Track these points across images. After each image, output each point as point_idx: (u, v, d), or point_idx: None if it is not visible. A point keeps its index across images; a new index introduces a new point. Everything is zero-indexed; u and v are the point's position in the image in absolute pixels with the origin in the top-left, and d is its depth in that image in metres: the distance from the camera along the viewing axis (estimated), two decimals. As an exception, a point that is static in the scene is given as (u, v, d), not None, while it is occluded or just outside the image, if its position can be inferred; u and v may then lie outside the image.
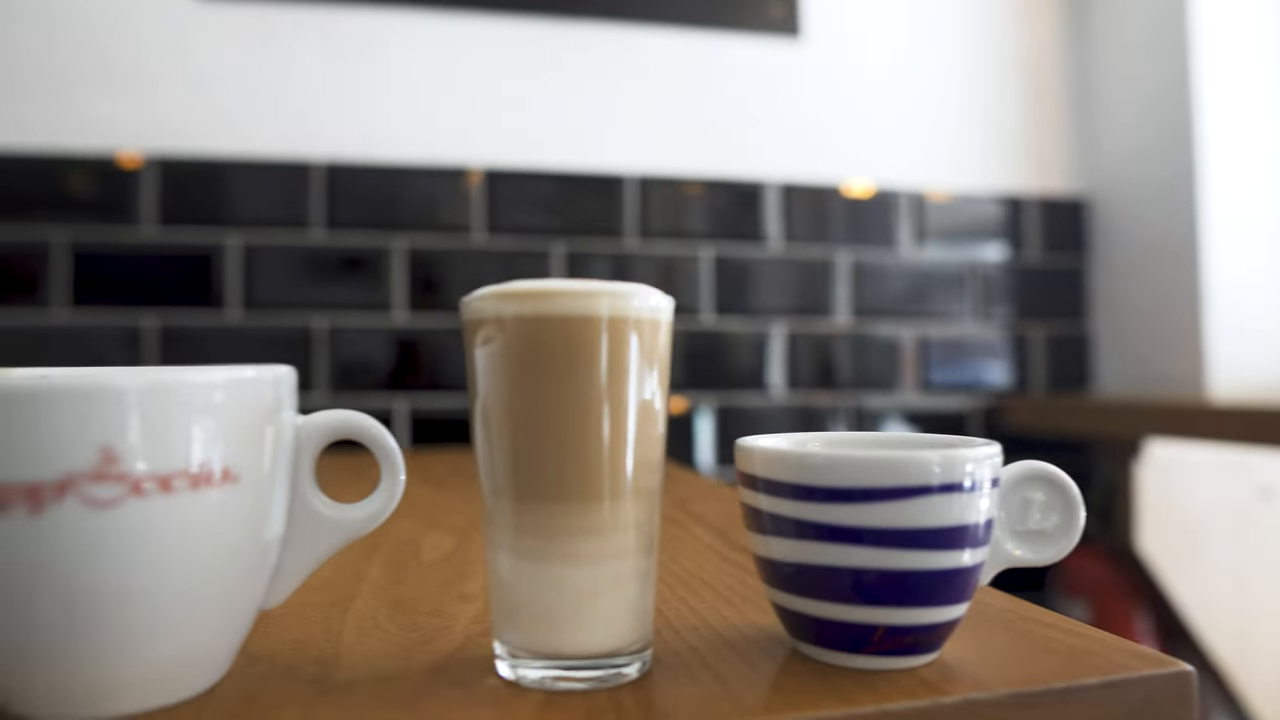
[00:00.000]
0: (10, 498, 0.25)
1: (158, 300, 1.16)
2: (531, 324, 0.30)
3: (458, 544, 0.54)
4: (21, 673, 0.28)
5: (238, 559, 0.29)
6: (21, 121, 1.14)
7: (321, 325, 1.18)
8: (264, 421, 0.30)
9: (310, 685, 0.31)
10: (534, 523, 0.31)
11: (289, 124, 1.20)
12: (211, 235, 1.17)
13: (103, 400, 0.26)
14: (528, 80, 1.25)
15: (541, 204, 1.24)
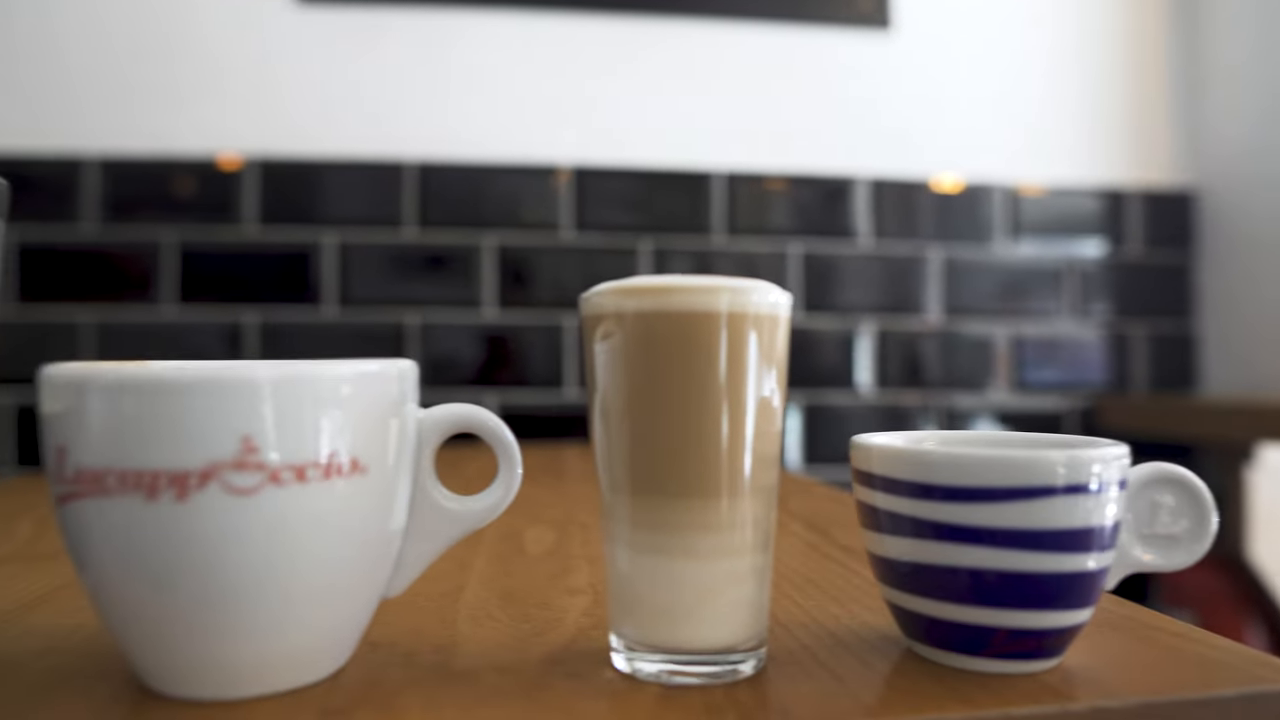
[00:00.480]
0: (159, 484, 0.26)
1: (258, 297, 1.19)
2: (651, 319, 0.30)
3: (559, 538, 0.55)
4: (160, 651, 0.29)
5: (365, 548, 0.30)
6: (131, 127, 1.19)
7: (414, 321, 1.20)
8: (389, 414, 0.30)
9: (431, 672, 0.32)
10: (653, 517, 0.31)
11: (383, 125, 1.22)
12: (308, 234, 1.20)
13: (244, 392, 0.26)
14: (616, 77, 1.25)
15: (628, 201, 1.24)
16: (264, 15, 1.21)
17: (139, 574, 0.27)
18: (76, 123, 1.19)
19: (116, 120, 1.20)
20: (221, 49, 1.21)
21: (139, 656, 0.30)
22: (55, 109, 1.19)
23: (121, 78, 1.20)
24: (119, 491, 0.26)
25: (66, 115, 1.19)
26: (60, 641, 0.35)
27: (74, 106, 1.19)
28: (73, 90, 1.19)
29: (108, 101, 1.19)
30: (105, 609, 0.29)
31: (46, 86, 1.19)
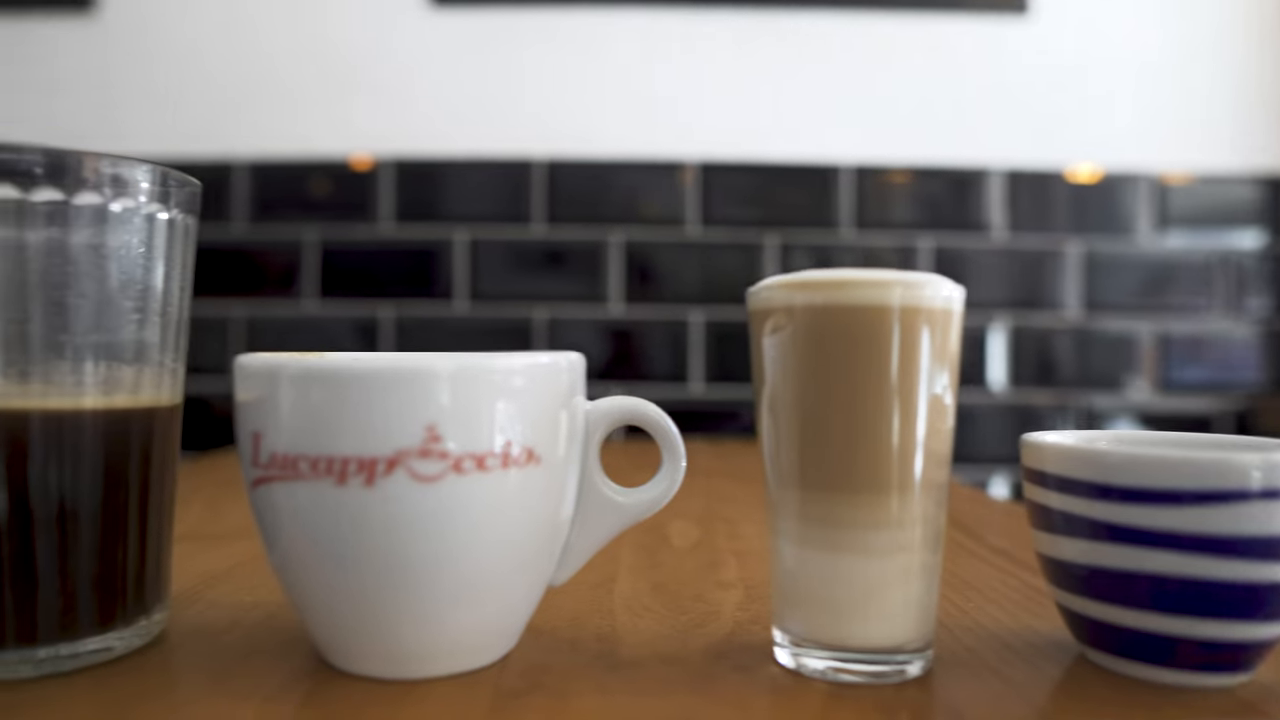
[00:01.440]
0: (348, 470, 0.27)
1: (392, 293, 1.23)
2: (822, 313, 0.30)
3: (703, 532, 0.55)
4: (343, 629, 0.30)
5: (537, 536, 0.31)
6: (275, 130, 1.25)
7: (541, 316, 1.22)
8: (560, 405, 0.31)
9: (597, 660, 0.32)
10: (821, 512, 0.30)
11: (512, 123, 1.24)
12: (440, 231, 1.23)
13: (429, 382, 0.27)
14: (742, 71, 1.25)
15: (753, 196, 1.23)
16: (398, 19, 1.25)
17: (326, 555, 0.29)
18: (228, 128, 1.25)
19: (262, 124, 1.25)
20: (358, 53, 1.25)
21: (322, 633, 0.31)
22: (209, 116, 1.25)
23: (265, 83, 1.25)
24: (311, 476, 0.28)
25: (219, 121, 1.25)
26: (242, 616, 0.37)
27: (225, 113, 1.25)
28: (224, 97, 1.25)
29: (254, 107, 1.25)
30: (292, 587, 0.31)
31: (201, 95, 1.26)
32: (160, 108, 1.26)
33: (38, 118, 1.26)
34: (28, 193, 0.29)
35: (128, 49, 1.28)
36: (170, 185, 0.33)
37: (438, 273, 1.23)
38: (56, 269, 0.29)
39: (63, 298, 0.30)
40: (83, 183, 0.30)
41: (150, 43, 1.27)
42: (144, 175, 0.32)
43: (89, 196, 0.30)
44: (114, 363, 0.31)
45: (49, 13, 1.29)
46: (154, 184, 0.32)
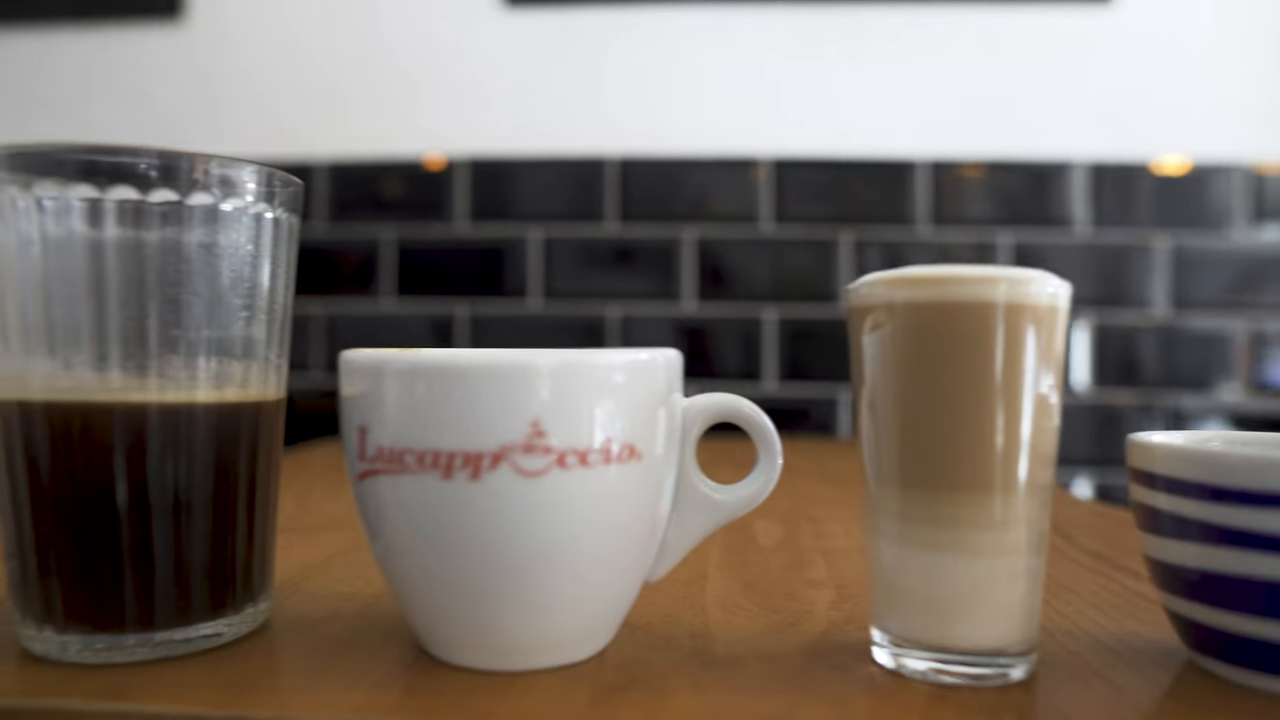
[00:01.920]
0: (454, 464, 0.28)
1: (467, 291, 1.25)
2: (924, 310, 0.30)
3: (788, 531, 0.55)
4: (445, 621, 0.31)
5: (636, 532, 0.31)
6: (350, 131, 1.27)
7: (614, 314, 1.23)
8: (659, 402, 0.31)
9: (693, 657, 0.32)
10: (923, 511, 0.30)
11: (584, 122, 1.25)
12: (514, 229, 1.24)
13: (535, 378, 0.28)
14: (813, 67, 1.23)
15: (828, 192, 1.22)
16: (471, 20, 1.26)
17: (431, 547, 0.29)
18: (308, 130, 1.28)
19: (339, 125, 1.28)
20: (433, 54, 1.27)
21: (423, 624, 0.31)
22: (290, 118, 1.28)
23: (341, 85, 1.28)
24: (417, 470, 0.28)
25: (299, 123, 1.28)
26: (340, 606, 0.38)
27: (305, 115, 1.28)
28: (304, 99, 1.28)
29: (331, 108, 1.28)
30: (394, 578, 0.31)
31: (282, 97, 1.29)
32: (244, 111, 1.30)
33: (130, 123, 1.31)
34: (146, 194, 0.30)
35: (213, 55, 1.31)
36: (275, 185, 0.33)
37: (511, 271, 1.24)
38: (172, 267, 0.30)
39: (177, 295, 0.31)
40: (194, 184, 0.31)
41: (234, 49, 1.31)
42: (250, 176, 0.32)
43: (201, 197, 0.31)
44: (224, 358, 0.32)
45: (140, 22, 1.33)
46: (259, 184, 0.33)
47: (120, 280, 0.30)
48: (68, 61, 1.35)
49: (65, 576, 0.31)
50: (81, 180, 0.30)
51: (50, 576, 0.31)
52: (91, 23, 1.34)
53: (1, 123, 1.36)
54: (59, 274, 0.30)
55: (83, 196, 0.30)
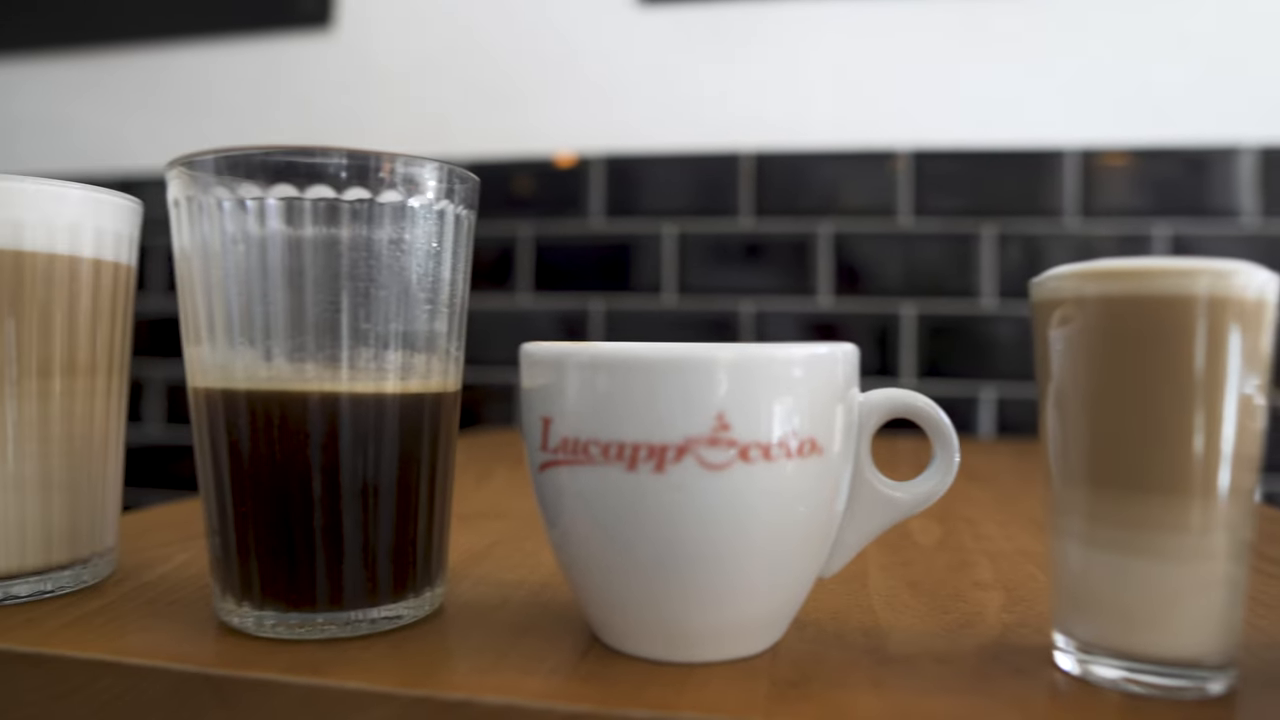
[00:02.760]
0: (639, 456, 0.28)
1: (601, 286, 1.26)
2: (1117, 305, 0.28)
3: (945, 530, 0.53)
4: (622, 611, 0.31)
5: (814, 527, 0.31)
6: (488, 130, 1.30)
7: (748, 310, 1.22)
8: (838, 396, 0.30)
9: (867, 655, 0.32)
10: (1114, 512, 0.29)
11: (718, 117, 1.25)
12: (648, 225, 1.25)
13: (720, 371, 0.28)
14: (951, 56, 1.20)
15: (968, 184, 1.19)
16: (606, 19, 1.28)
17: (613, 537, 0.29)
18: (449, 130, 1.32)
19: (478, 124, 1.31)
20: (568, 53, 1.29)
21: (599, 612, 0.32)
22: (430, 118, 1.32)
23: (479, 86, 1.31)
24: (601, 461, 0.29)
25: (441, 123, 1.32)
26: (510, 593, 0.39)
27: (446, 115, 1.32)
28: (444, 100, 1.32)
29: (470, 108, 1.31)
30: (572, 566, 0.32)
31: (426, 99, 1.33)
32: (387, 113, 1.35)
33: (287, 127, 1.37)
34: (340, 193, 0.31)
35: (360, 61, 1.37)
36: (454, 181, 0.34)
37: (645, 266, 1.25)
38: (362, 263, 0.32)
39: (368, 289, 0.32)
40: (382, 182, 0.32)
41: (379, 54, 1.36)
42: (432, 173, 0.33)
43: (390, 195, 0.32)
44: (409, 350, 0.33)
45: (294, 31, 1.39)
46: (440, 180, 0.34)
47: (315, 275, 0.31)
48: (231, 71, 1.42)
49: (263, 556, 0.32)
50: (281, 181, 0.31)
51: (249, 555, 0.33)
52: (251, 34, 1.41)
53: (174, 129, 1.45)
54: (260, 270, 0.31)
55: (281, 196, 0.31)
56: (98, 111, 1.50)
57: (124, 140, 1.48)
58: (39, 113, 1.53)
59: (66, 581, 0.39)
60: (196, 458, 0.35)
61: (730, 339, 1.23)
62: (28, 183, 0.37)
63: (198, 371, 0.33)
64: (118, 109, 1.49)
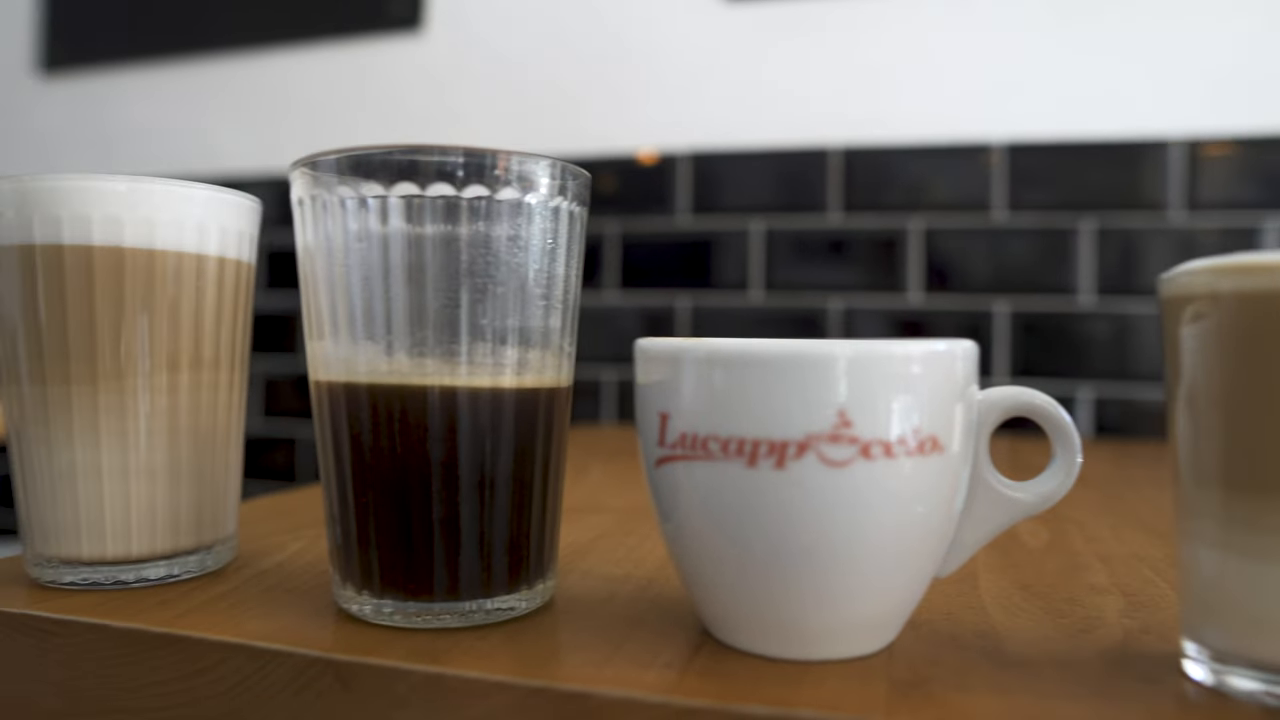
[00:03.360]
0: (759, 452, 0.28)
1: (687, 283, 1.26)
2: (1254, 300, 0.27)
3: (1053, 533, 0.52)
4: (737, 606, 0.31)
5: (932, 526, 0.30)
6: (575, 129, 1.31)
7: (836, 307, 1.21)
8: (958, 394, 0.30)
9: (985, 657, 0.31)
10: (1249, 516, 0.28)
11: (805, 112, 1.24)
12: (735, 222, 1.25)
13: (841, 367, 0.27)
14: (1046, 45, 1.17)
15: (1068, 177, 1.15)
16: (691, 16, 1.27)
17: (730, 533, 0.29)
18: (536, 128, 1.33)
19: (562, 123, 1.33)
20: (653, 50, 1.29)
21: (713, 608, 0.32)
22: (517, 117, 1.34)
23: (565, 83, 1.32)
24: (720, 456, 0.29)
25: (530, 121, 1.33)
26: (617, 587, 0.39)
27: (535, 113, 1.33)
28: (532, 98, 1.34)
29: (555, 106, 1.32)
30: (685, 560, 0.32)
31: (515, 98, 1.34)
32: (477, 113, 1.37)
33: (380, 128, 1.40)
34: (460, 190, 0.32)
35: (450, 62, 1.39)
36: (567, 178, 0.35)
37: (732, 263, 1.25)
38: (481, 259, 0.32)
39: (485, 285, 0.32)
40: (498, 179, 0.32)
41: (468, 55, 1.38)
42: (545, 170, 0.34)
43: (508, 192, 0.32)
44: (525, 346, 0.33)
45: (384, 35, 1.42)
46: (554, 177, 0.34)
47: (435, 272, 0.32)
48: (323, 75, 1.46)
49: (382, 545, 0.33)
50: (402, 179, 0.32)
51: (369, 545, 0.33)
52: (343, 39, 1.45)
53: (267, 132, 1.50)
54: (382, 267, 0.32)
55: (402, 194, 0.32)
56: (194, 117, 1.55)
57: (219, 144, 1.53)
58: (139, 119, 1.59)
59: (192, 566, 0.41)
60: (318, 449, 0.36)
61: (817, 336, 1.22)
62: (158, 183, 0.38)
63: (320, 366, 0.34)
64: (213, 114, 1.54)
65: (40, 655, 0.36)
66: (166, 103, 1.57)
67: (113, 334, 0.38)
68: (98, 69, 1.62)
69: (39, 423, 0.38)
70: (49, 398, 0.38)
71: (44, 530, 0.39)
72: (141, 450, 0.39)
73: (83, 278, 0.37)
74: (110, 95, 1.61)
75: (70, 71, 1.65)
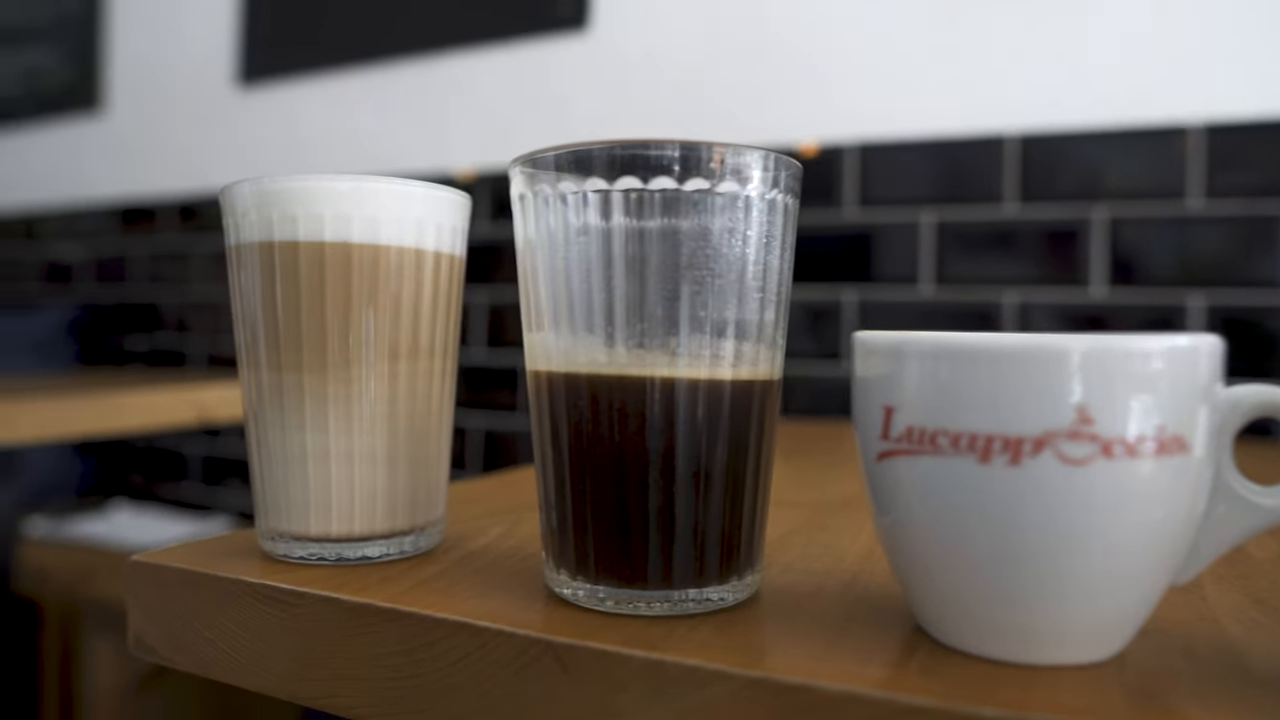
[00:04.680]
0: (993, 448, 0.27)
1: (855, 277, 1.24)
2: None
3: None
4: (961, 606, 0.30)
5: (1172, 530, 0.29)
6: (738, 124, 1.31)
7: (1011, 301, 1.16)
8: (1201, 392, 0.28)
9: (1226, 673, 0.29)
10: None
11: (975, 99, 1.19)
12: (905, 214, 1.22)
13: (1079, 362, 0.27)
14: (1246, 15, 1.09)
15: (1273, 159, 1.07)
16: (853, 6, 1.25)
17: (957, 530, 0.29)
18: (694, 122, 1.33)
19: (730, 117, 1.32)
20: (817, 41, 1.27)
21: (931, 606, 0.31)
22: (681, 114, 1.34)
23: (725, 79, 1.32)
24: (950, 452, 0.28)
25: (685, 117, 1.34)
26: (822, 581, 0.39)
27: (693, 108, 1.34)
28: (691, 94, 1.34)
29: (718, 100, 1.32)
30: (904, 557, 0.32)
31: (678, 94, 1.35)
32: (645, 110, 1.38)
33: (549, 128, 1.44)
34: (680, 183, 0.32)
35: (616, 60, 1.41)
36: (780, 169, 0.35)
37: (900, 256, 1.22)
38: (700, 252, 0.33)
39: (704, 278, 0.33)
40: (713, 172, 0.33)
41: (633, 53, 1.39)
42: (758, 161, 0.34)
43: (727, 185, 0.33)
44: (741, 339, 0.34)
45: (552, 35, 1.46)
46: (768, 169, 0.34)
47: (656, 265, 0.32)
48: (494, 76, 1.51)
49: (598, 533, 0.34)
50: (622, 174, 0.33)
51: (585, 531, 0.34)
52: (512, 40, 1.49)
53: (444, 133, 1.56)
54: (604, 260, 0.33)
55: (623, 189, 0.33)
56: (376, 120, 1.63)
57: (399, 145, 1.60)
58: (327, 123, 1.68)
59: (407, 547, 0.43)
60: (534, 437, 0.37)
61: (992, 330, 1.17)
62: (381, 182, 0.40)
63: (540, 356, 0.35)
64: (393, 117, 1.61)
65: (278, 623, 0.39)
66: (351, 107, 1.65)
67: (341, 325, 0.40)
68: (289, 79, 1.73)
69: (275, 408, 0.41)
70: (284, 384, 0.41)
71: (276, 508, 0.42)
72: (365, 435, 0.41)
73: (315, 272, 0.40)
74: (300, 103, 1.71)
75: (265, 83, 1.76)
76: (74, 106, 2.07)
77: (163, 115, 1.94)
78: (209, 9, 1.85)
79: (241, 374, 0.43)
